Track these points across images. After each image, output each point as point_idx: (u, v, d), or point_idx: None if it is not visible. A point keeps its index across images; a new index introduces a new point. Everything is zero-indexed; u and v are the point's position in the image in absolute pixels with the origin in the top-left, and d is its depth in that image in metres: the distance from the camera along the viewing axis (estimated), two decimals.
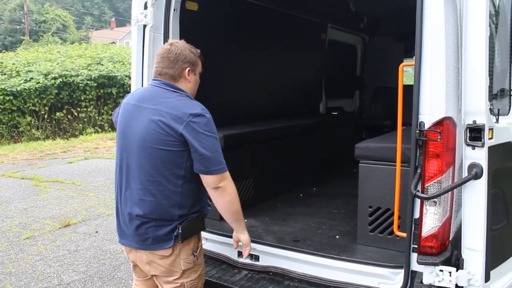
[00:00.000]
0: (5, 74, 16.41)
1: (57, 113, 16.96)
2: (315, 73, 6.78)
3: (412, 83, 2.78)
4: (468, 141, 2.60)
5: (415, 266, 2.81)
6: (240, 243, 3.06)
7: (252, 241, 3.53)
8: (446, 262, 2.68)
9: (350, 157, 5.06)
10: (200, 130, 2.57)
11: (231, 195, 2.72)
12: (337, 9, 6.60)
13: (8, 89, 15.52)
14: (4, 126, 15.80)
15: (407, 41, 7.72)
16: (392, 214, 3.13)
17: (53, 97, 16.61)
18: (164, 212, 2.64)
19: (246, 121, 4.94)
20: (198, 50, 2.89)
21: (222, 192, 2.68)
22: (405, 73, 3.11)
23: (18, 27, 43.40)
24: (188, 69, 2.77)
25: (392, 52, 7.84)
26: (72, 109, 17.18)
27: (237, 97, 4.97)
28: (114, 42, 36.29)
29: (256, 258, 3.51)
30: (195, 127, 2.56)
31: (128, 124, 2.74)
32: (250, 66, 5.19)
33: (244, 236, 2.96)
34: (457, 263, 2.69)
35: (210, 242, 3.75)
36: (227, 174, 2.69)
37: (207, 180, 2.64)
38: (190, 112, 2.59)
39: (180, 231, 2.65)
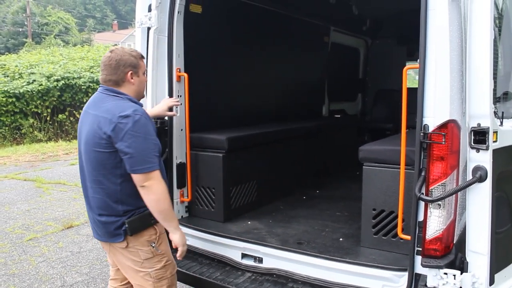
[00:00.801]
0: (8, 76, 16.46)
1: (60, 115, 16.99)
2: (318, 75, 6.79)
3: (414, 86, 2.79)
4: (472, 144, 2.59)
5: (419, 269, 2.80)
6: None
7: (256, 243, 3.56)
8: (451, 265, 2.67)
9: (353, 160, 5.06)
10: (126, 131, 2.67)
11: (157, 195, 2.76)
12: (339, 12, 6.61)
13: (11, 91, 15.57)
14: (6, 128, 15.84)
15: (409, 44, 7.74)
16: (396, 217, 3.13)
17: (55, 99, 16.65)
18: (109, 208, 2.83)
19: (249, 123, 4.95)
20: (139, 52, 3.02)
21: (148, 191, 2.74)
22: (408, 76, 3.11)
23: (20, 29, 43.49)
24: (130, 72, 2.89)
25: (394, 55, 7.85)
26: (74, 111, 17.20)
27: (240, 100, 4.98)
28: (116, 45, 36.26)
29: (260, 260, 3.52)
30: (122, 128, 2.68)
31: (80, 130, 2.96)
32: (253, 68, 5.20)
33: (175, 236, 2.95)
34: (462, 266, 2.68)
35: (213, 244, 3.76)
36: (154, 174, 2.75)
37: (134, 179, 2.74)
38: (119, 114, 2.71)
39: (127, 225, 2.81)
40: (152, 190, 2.75)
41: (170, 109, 3.78)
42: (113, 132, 2.68)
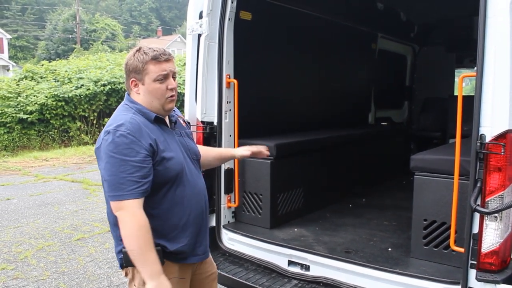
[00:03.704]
0: (58, 81, 17.05)
1: (105, 119, 17.43)
2: (365, 83, 6.72)
3: (464, 94, 2.72)
4: None
5: (473, 283, 2.72)
6: None
7: (303, 251, 3.54)
8: (508, 281, 2.59)
9: (399, 169, 4.97)
10: (105, 149, 2.26)
11: (126, 230, 2.24)
12: (387, 19, 6.53)
13: (61, 95, 16.11)
14: (56, 130, 16.40)
15: (458, 51, 7.56)
16: (448, 228, 3.05)
17: (102, 103, 17.12)
18: (113, 230, 2.44)
19: (297, 130, 4.94)
20: (155, 54, 2.38)
21: (119, 223, 2.26)
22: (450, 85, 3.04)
23: (70, 36, 45.04)
24: (132, 80, 2.42)
25: (443, 63, 7.70)
26: None
27: (288, 106, 4.98)
28: None
29: (307, 268, 3.50)
30: (103, 145, 2.28)
31: None
32: (301, 75, 5.20)
33: (148, 286, 2.24)
34: None
35: (259, 250, 3.76)
36: (127, 203, 2.23)
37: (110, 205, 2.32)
38: (106, 129, 2.32)
39: (122, 255, 2.36)
40: (121, 222, 2.25)
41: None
42: (98, 149, 2.32)
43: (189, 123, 2.89)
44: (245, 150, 3.14)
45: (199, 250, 2.58)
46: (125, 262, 2.35)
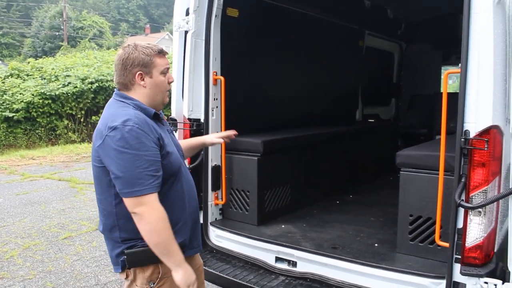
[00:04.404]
0: (44, 78, 16.93)
1: (93, 117, 17.34)
2: (352, 80, 6.75)
3: (450, 91, 2.74)
4: None
5: (457, 277, 2.75)
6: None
7: (290, 247, 3.55)
8: (491, 274, 2.62)
9: (386, 165, 5.00)
10: (113, 146, 2.22)
11: (150, 224, 2.24)
12: (374, 16, 6.56)
13: (47, 93, 15.99)
14: (42, 129, 16.27)
15: (445, 48, 7.62)
16: (434, 223, 3.08)
17: (89, 101, 17.02)
18: (109, 232, 2.42)
19: (284, 127, 4.95)
20: (156, 48, 2.47)
21: (139, 219, 2.24)
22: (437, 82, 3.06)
23: (57, 33, 44.59)
24: (138, 73, 2.40)
25: (429, 60, 7.75)
26: None
27: (275, 103, 4.98)
28: None
29: (294, 264, 3.51)
30: (109, 142, 2.23)
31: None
32: (288, 72, 5.20)
33: (177, 276, 2.33)
34: (503, 276, 2.62)
35: (247, 247, 3.77)
36: (148, 198, 2.23)
37: (125, 203, 2.27)
38: (110, 124, 2.25)
39: (125, 257, 2.37)
40: (144, 218, 2.23)
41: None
42: (101, 146, 2.27)
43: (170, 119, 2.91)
44: (215, 138, 3.23)
45: (195, 243, 2.63)
46: (129, 263, 2.37)
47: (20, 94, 15.79)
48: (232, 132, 3.29)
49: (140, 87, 2.43)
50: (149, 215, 2.23)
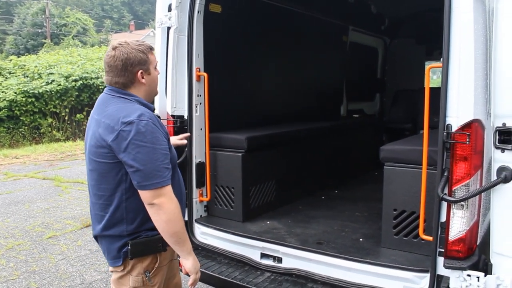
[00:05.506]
0: (27, 76, 16.73)
1: (78, 115, 17.19)
2: (336, 75, 6.75)
3: (434, 86, 2.75)
4: (497, 144, 2.54)
5: (441, 270, 2.77)
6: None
7: (275, 243, 3.55)
8: (474, 267, 2.64)
9: (371, 160, 5.02)
10: (130, 140, 2.30)
11: (168, 215, 2.37)
12: (358, 11, 6.57)
13: (31, 91, 15.80)
14: (26, 127, 16.08)
15: (428, 43, 7.67)
16: (417, 217, 3.09)
17: (73, 99, 16.87)
18: (112, 228, 2.49)
19: (268, 123, 4.94)
20: (147, 44, 2.57)
21: (158, 210, 2.36)
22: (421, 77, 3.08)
23: (40, 30, 43.98)
24: (140, 71, 2.50)
25: (413, 55, 7.79)
26: (92, 111, 17.38)
27: (259, 100, 4.97)
28: None
29: (279, 260, 3.51)
30: (125, 137, 2.31)
31: (86, 137, 2.65)
32: (272, 68, 5.19)
33: (188, 263, 2.54)
34: (485, 268, 2.64)
35: (232, 243, 3.76)
36: (165, 190, 2.37)
37: (142, 195, 2.37)
38: (123, 120, 2.33)
39: (129, 247, 2.46)
40: (163, 209, 2.35)
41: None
42: (115, 141, 2.32)
43: None
44: (178, 140, 3.52)
45: None
46: (132, 254, 2.47)
47: (3, 92, 15.59)
48: (187, 134, 3.75)
49: (141, 84, 2.54)
50: (168, 206, 2.37)
